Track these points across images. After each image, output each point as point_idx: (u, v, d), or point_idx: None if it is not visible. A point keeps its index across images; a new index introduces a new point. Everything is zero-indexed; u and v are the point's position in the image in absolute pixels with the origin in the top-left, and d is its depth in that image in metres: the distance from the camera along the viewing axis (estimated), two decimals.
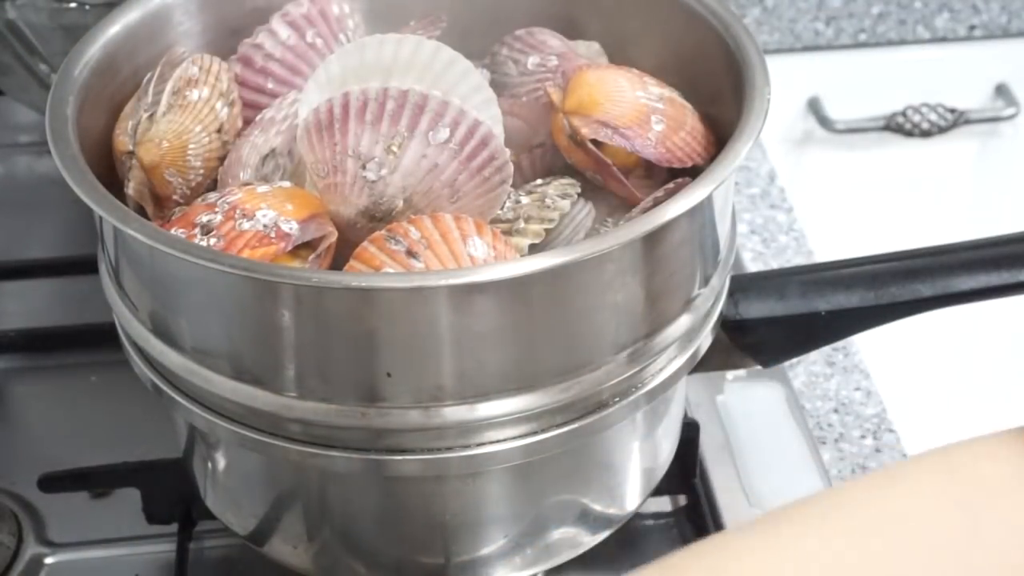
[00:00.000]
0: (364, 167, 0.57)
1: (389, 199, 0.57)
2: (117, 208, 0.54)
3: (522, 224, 0.59)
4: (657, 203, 0.58)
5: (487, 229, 0.56)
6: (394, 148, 0.56)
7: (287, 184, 0.59)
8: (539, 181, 0.62)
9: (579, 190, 0.61)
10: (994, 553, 0.45)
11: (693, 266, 0.58)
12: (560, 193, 0.60)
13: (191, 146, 0.62)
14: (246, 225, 0.55)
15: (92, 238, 0.61)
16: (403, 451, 0.55)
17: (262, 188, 0.58)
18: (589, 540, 0.64)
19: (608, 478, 0.63)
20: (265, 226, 0.55)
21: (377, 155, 0.57)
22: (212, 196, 0.58)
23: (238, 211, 0.55)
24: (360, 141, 0.57)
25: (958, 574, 0.45)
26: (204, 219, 0.55)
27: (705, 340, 0.61)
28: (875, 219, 1.25)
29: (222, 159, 0.63)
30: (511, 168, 0.58)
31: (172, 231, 0.55)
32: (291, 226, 0.55)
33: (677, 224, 0.55)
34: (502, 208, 0.59)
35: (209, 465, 0.63)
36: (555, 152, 0.64)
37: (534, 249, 0.58)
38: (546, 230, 0.59)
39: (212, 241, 0.55)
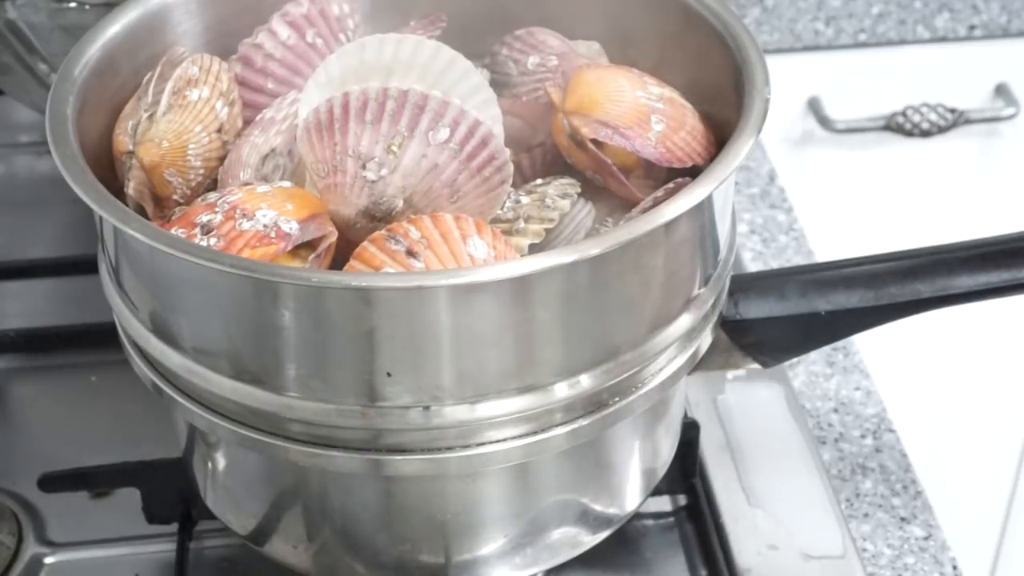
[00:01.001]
0: (364, 167, 0.57)
1: (389, 199, 0.57)
2: (117, 208, 0.54)
3: (522, 224, 0.59)
4: (657, 203, 0.58)
5: (487, 229, 0.56)
6: (394, 148, 0.56)
7: (287, 184, 0.59)
8: (539, 181, 0.62)
9: (579, 190, 0.61)
10: None
11: (693, 266, 0.58)
12: (560, 193, 0.60)
13: (191, 146, 0.62)
14: (246, 225, 0.55)
15: (92, 238, 0.61)
16: (403, 451, 0.55)
17: (262, 188, 0.58)
18: (589, 540, 0.64)
19: (608, 478, 0.63)
20: (265, 226, 0.55)
21: (377, 155, 0.57)
22: (212, 196, 0.58)
23: (238, 211, 0.55)
24: (360, 141, 0.57)
25: None
26: (204, 219, 0.55)
27: (705, 340, 0.61)
28: (875, 219, 1.25)
29: (222, 159, 0.63)
30: (511, 168, 0.58)
31: (172, 231, 0.55)
32: (291, 226, 0.55)
33: (677, 224, 0.55)
34: (502, 208, 0.59)
35: (209, 465, 0.63)
36: (555, 152, 0.64)
37: (534, 249, 0.58)
38: (546, 230, 0.59)
39: (212, 241, 0.55)
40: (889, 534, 0.72)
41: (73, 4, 0.79)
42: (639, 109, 0.62)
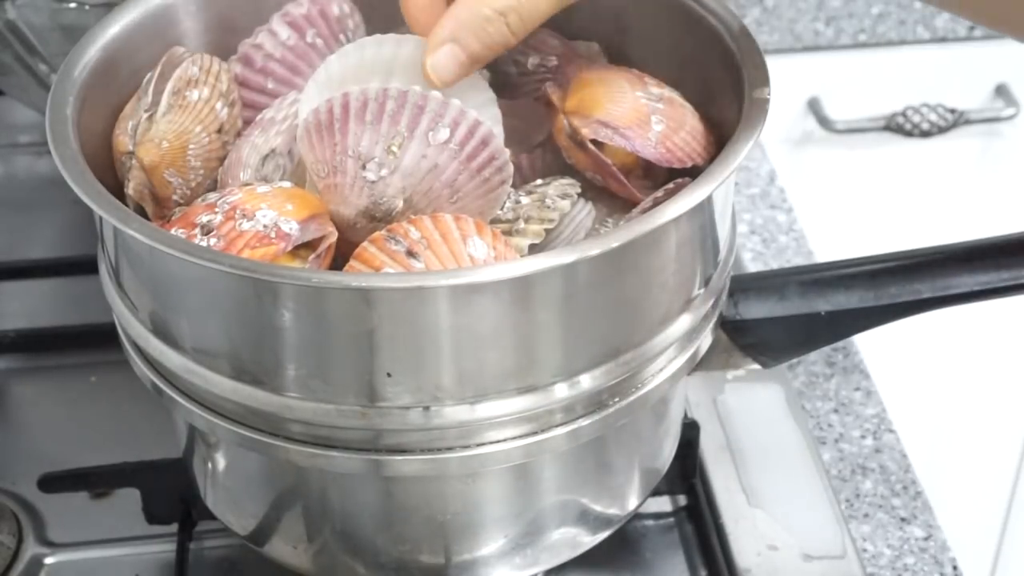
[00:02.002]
0: (364, 167, 0.57)
1: (389, 199, 0.57)
2: (117, 208, 0.54)
3: (522, 224, 0.59)
4: (657, 203, 0.58)
5: (487, 229, 0.56)
6: (394, 148, 0.56)
7: (287, 184, 0.59)
8: (539, 181, 0.62)
9: (579, 190, 0.61)
10: None
11: (693, 266, 0.58)
12: (560, 193, 0.60)
13: (191, 146, 0.62)
14: (246, 225, 0.55)
15: (92, 238, 0.61)
16: (403, 451, 0.55)
17: (262, 188, 0.58)
18: (589, 540, 0.64)
19: (608, 478, 0.63)
20: (265, 226, 0.55)
21: (377, 155, 0.57)
22: (212, 196, 0.58)
23: (238, 211, 0.55)
24: (360, 141, 0.57)
25: None
26: (204, 219, 0.55)
27: (705, 340, 0.61)
28: (875, 219, 1.25)
29: (222, 159, 0.63)
30: (511, 168, 0.58)
31: (172, 231, 0.55)
32: (291, 226, 0.55)
33: (677, 224, 0.55)
34: (502, 208, 0.59)
35: (209, 465, 0.63)
36: (555, 152, 0.64)
37: (534, 249, 0.58)
38: (546, 230, 0.59)
39: (212, 241, 0.55)
40: (889, 534, 0.72)
41: (73, 4, 0.79)
42: (639, 109, 0.62)
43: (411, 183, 0.57)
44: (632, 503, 0.65)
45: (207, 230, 0.55)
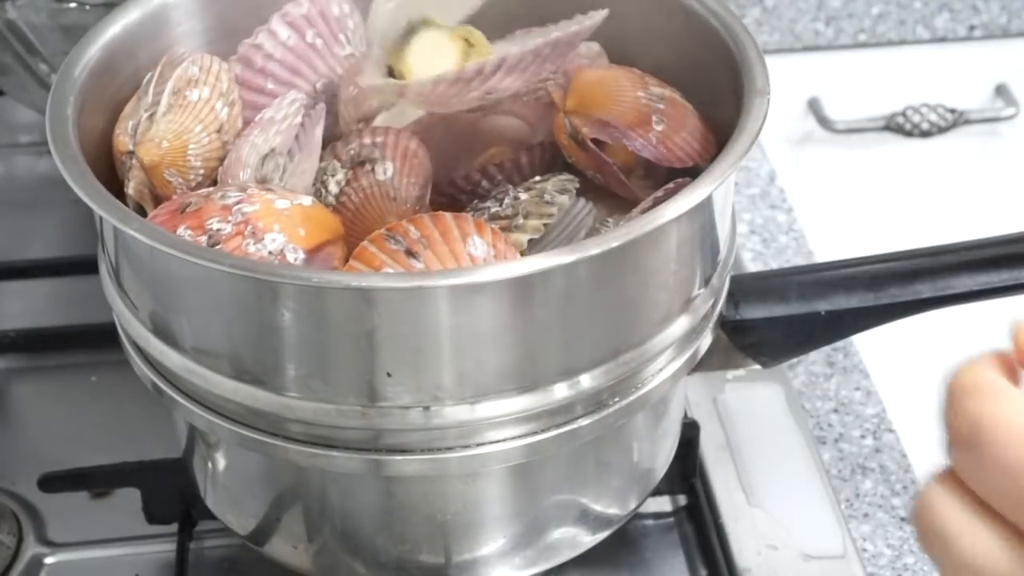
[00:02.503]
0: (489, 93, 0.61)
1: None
2: (117, 208, 0.54)
3: (521, 220, 0.59)
4: (657, 203, 0.58)
5: (487, 228, 0.56)
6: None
7: (307, 201, 0.58)
8: (537, 178, 0.62)
9: (577, 185, 0.61)
10: None
11: (693, 266, 0.58)
12: (559, 188, 0.60)
13: (191, 146, 0.62)
14: (252, 248, 0.55)
15: (92, 238, 0.61)
16: (403, 451, 0.55)
17: (281, 203, 0.57)
18: (589, 540, 0.64)
19: (608, 478, 0.63)
20: (270, 252, 0.55)
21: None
22: (232, 196, 0.57)
23: (249, 228, 0.55)
24: (499, 85, 0.60)
25: None
26: (215, 226, 0.55)
27: (705, 340, 0.61)
28: (875, 219, 1.25)
29: (222, 159, 0.63)
30: None
31: (180, 228, 0.55)
32: (297, 256, 0.55)
33: (677, 224, 0.55)
34: (501, 204, 0.59)
35: (209, 465, 0.63)
36: (555, 151, 0.64)
37: (533, 244, 0.58)
38: (545, 224, 0.59)
39: None
40: (889, 534, 0.72)
41: (73, 4, 0.80)
42: (640, 109, 0.62)
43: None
44: (632, 503, 0.65)
45: (213, 241, 0.55)
